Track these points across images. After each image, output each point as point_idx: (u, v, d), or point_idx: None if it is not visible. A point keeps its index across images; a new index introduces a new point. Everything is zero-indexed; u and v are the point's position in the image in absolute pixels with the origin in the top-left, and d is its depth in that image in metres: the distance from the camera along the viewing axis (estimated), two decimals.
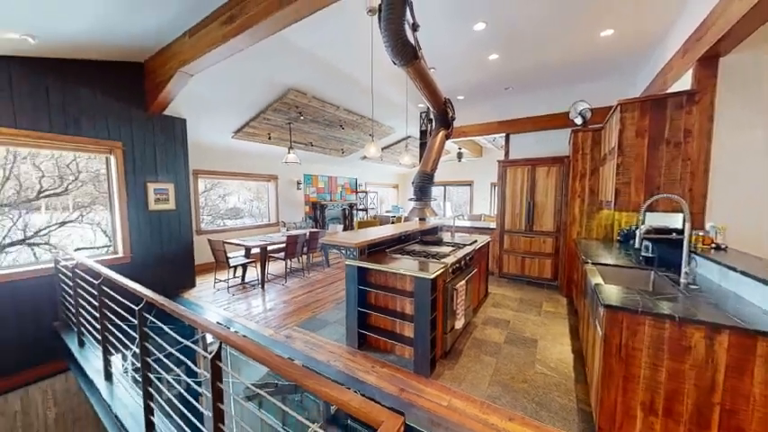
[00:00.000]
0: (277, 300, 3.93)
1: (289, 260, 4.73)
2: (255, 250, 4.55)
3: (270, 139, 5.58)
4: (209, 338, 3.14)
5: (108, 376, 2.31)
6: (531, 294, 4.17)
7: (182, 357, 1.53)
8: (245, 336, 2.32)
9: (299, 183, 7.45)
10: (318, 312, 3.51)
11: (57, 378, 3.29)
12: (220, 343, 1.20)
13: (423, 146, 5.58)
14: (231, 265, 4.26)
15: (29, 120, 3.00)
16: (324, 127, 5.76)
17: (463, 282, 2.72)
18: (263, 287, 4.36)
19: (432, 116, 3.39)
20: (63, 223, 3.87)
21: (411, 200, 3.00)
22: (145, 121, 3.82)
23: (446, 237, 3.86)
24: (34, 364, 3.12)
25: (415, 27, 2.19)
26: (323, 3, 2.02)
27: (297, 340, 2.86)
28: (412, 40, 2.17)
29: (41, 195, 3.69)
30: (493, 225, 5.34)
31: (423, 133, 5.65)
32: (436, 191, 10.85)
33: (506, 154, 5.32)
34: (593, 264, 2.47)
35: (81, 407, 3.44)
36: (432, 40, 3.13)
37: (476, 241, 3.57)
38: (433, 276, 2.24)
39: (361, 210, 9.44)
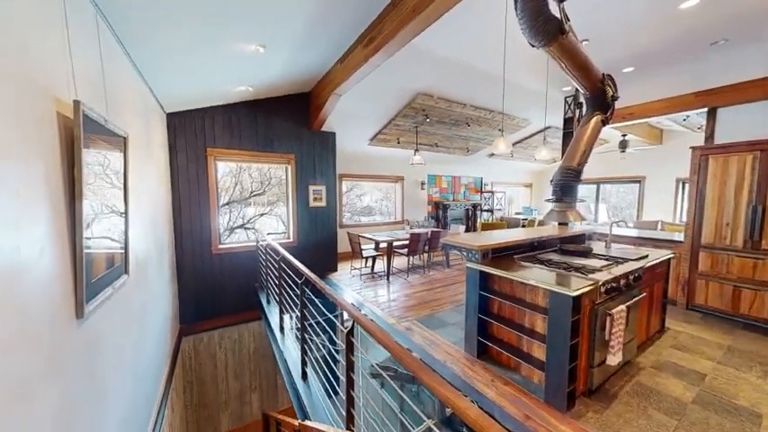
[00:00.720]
0: (399, 292, 4.23)
1: (411, 256, 4.99)
2: (383, 245, 5.05)
3: (398, 143, 6.04)
4: (346, 316, 3.73)
5: (281, 329, 3.12)
6: (753, 344, 2.79)
7: (326, 327, 1.89)
8: (372, 320, 2.63)
9: (422, 183, 7.73)
10: (437, 311, 3.54)
11: (255, 323, 4.72)
12: (353, 321, 1.41)
13: (567, 137, 4.67)
14: (364, 255, 4.89)
15: (247, 143, 4.41)
16: (449, 126, 5.74)
17: (623, 307, 2.12)
18: (388, 279, 4.79)
19: (582, 99, 2.79)
20: (262, 215, 5.49)
21: (549, 200, 2.58)
22: (309, 137, 4.91)
23: (597, 247, 3.10)
24: (244, 310, 4.57)
25: None
26: (450, 3, 2.01)
27: (416, 334, 2.99)
28: (557, 14, 1.85)
29: (251, 195, 5.36)
30: (678, 236, 3.90)
31: (567, 121, 4.73)
32: (585, 190, 8.86)
33: (708, 137, 3.76)
34: None
35: (267, 347, 4.80)
36: (582, 5, 2.57)
37: (646, 256, 2.71)
38: (575, 294, 1.85)
39: (485, 211, 8.87)
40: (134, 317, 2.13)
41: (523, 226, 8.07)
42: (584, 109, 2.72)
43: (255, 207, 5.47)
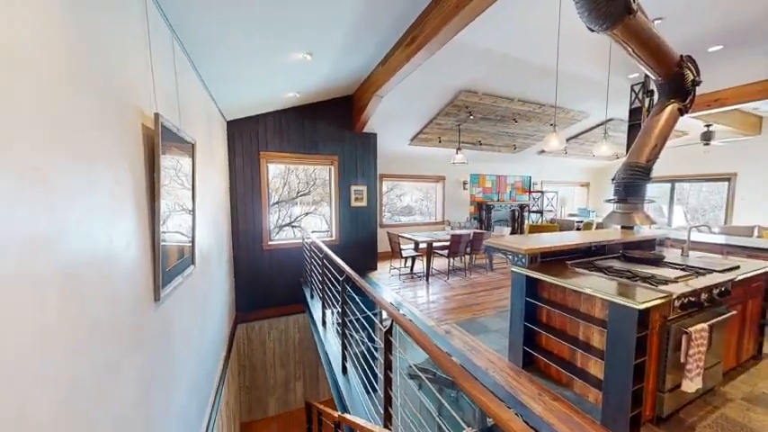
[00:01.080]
0: (439, 294, 4.15)
1: (451, 258, 4.87)
2: (422, 245, 4.99)
3: (440, 142, 5.92)
4: (384, 314, 3.77)
5: (324, 323, 3.26)
6: None
7: (366, 324, 1.93)
8: (410, 320, 2.61)
9: (464, 183, 7.48)
10: (479, 316, 3.40)
11: (300, 315, 5.00)
12: (392, 321, 1.42)
13: (633, 129, 4.16)
14: (403, 255, 4.89)
15: (295, 146, 4.69)
16: (494, 123, 5.47)
17: (704, 326, 1.82)
18: (427, 279, 4.73)
19: (653, 86, 2.46)
20: (307, 214, 5.80)
21: (610, 201, 2.32)
22: (351, 139, 5.06)
23: (671, 255, 2.71)
24: (290, 303, 4.87)
25: None
26: None
27: (455, 338, 2.91)
28: None
29: (298, 195, 5.69)
30: None
31: (634, 112, 4.21)
32: (655, 190, 7.78)
33: None
34: None
35: (310, 338, 5.05)
36: None
37: (736, 267, 2.29)
38: (642, 307, 1.64)
39: (534, 212, 8.28)
40: (198, 303, 2.39)
41: (578, 229, 7.37)
42: (656, 97, 2.39)
43: (301, 206, 5.81)
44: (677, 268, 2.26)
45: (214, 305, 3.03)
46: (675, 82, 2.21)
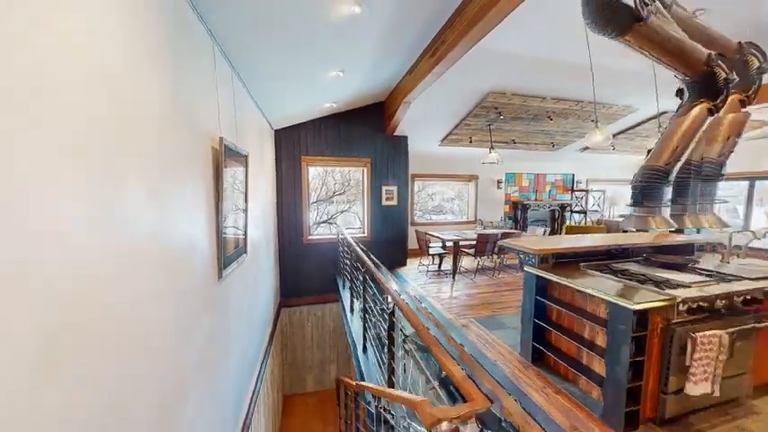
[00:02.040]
0: (463, 291, 4.30)
1: (479, 257, 4.95)
2: (449, 243, 5.15)
3: (471, 142, 5.97)
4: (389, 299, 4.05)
5: (351, 310, 3.65)
6: None
7: (384, 311, 2.24)
8: (429, 311, 2.86)
9: (499, 182, 7.37)
10: (498, 313, 3.52)
11: (334, 304, 5.50)
12: (394, 304, 1.71)
13: None
14: (430, 253, 5.10)
15: (332, 150, 5.16)
16: (527, 122, 5.37)
17: (718, 333, 1.80)
18: (453, 277, 4.88)
19: (683, 85, 2.35)
20: (342, 212, 6.29)
21: (629, 205, 2.31)
22: (383, 142, 5.39)
23: (708, 261, 2.57)
24: (326, 293, 5.39)
25: None
26: (504, 13, 2.06)
27: (471, 332, 3.09)
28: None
29: (334, 195, 6.19)
30: None
31: None
32: (731, 189, 6.81)
33: None
34: None
35: (342, 326, 5.53)
36: None
37: None
38: (637, 307, 1.71)
39: (577, 212, 7.82)
40: (249, 286, 2.92)
41: (625, 231, 6.83)
42: (686, 96, 2.31)
43: (337, 205, 6.31)
44: (702, 274, 2.19)
45: (262, 288, 3.60)
46: (705, 81, 2.13)
